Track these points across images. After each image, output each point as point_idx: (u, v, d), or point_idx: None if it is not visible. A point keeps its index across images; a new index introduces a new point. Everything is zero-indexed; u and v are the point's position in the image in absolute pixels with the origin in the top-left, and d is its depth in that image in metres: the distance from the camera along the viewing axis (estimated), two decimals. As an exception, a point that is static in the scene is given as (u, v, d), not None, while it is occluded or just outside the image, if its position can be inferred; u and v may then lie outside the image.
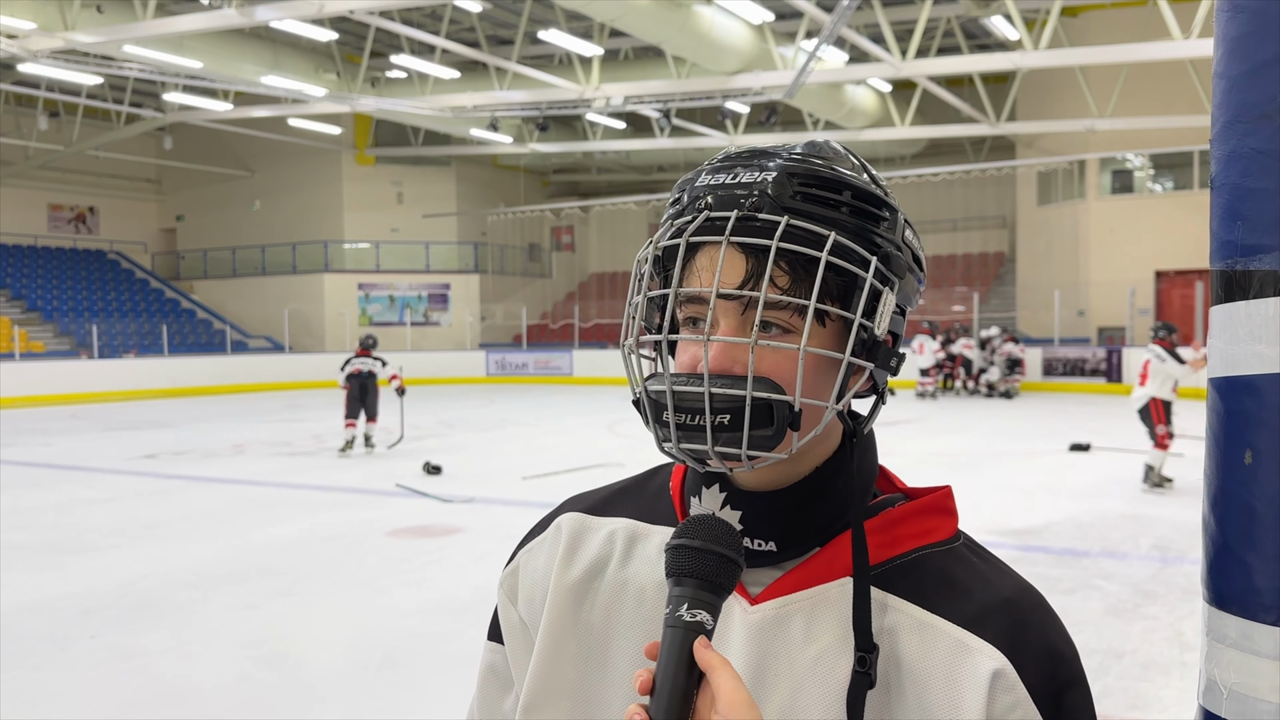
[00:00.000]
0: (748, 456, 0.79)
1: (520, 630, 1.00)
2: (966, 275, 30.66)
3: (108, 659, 4.97)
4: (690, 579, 0.76)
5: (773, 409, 0.79)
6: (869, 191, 0.83)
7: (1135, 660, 4.78)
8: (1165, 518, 8.08)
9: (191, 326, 30.85)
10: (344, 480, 10.55)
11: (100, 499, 9.57)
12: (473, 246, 33.25)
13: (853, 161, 0.87)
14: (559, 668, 0.93)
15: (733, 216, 0.80)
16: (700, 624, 0.75)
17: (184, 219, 34.45)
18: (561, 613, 0.95)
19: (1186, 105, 21.76)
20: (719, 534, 0.78)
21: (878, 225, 0.83)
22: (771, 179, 0.81)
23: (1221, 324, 0.77)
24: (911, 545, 0.88)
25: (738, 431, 0.78)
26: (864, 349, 0.83)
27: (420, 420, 17.11)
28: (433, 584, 6.29)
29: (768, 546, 0.87)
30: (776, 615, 0.86)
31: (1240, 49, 0.74)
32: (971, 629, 0.82)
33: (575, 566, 0.97)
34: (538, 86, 21.72)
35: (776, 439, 0.79)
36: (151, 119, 27.12)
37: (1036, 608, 0.85)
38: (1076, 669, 0.84)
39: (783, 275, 0.81)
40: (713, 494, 0.89)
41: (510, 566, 1.04)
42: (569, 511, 1.02)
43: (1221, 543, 0.76)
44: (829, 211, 0.81)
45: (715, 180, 0.84)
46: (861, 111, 23.98)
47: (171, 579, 6.45)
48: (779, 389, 0.79)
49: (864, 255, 0.81)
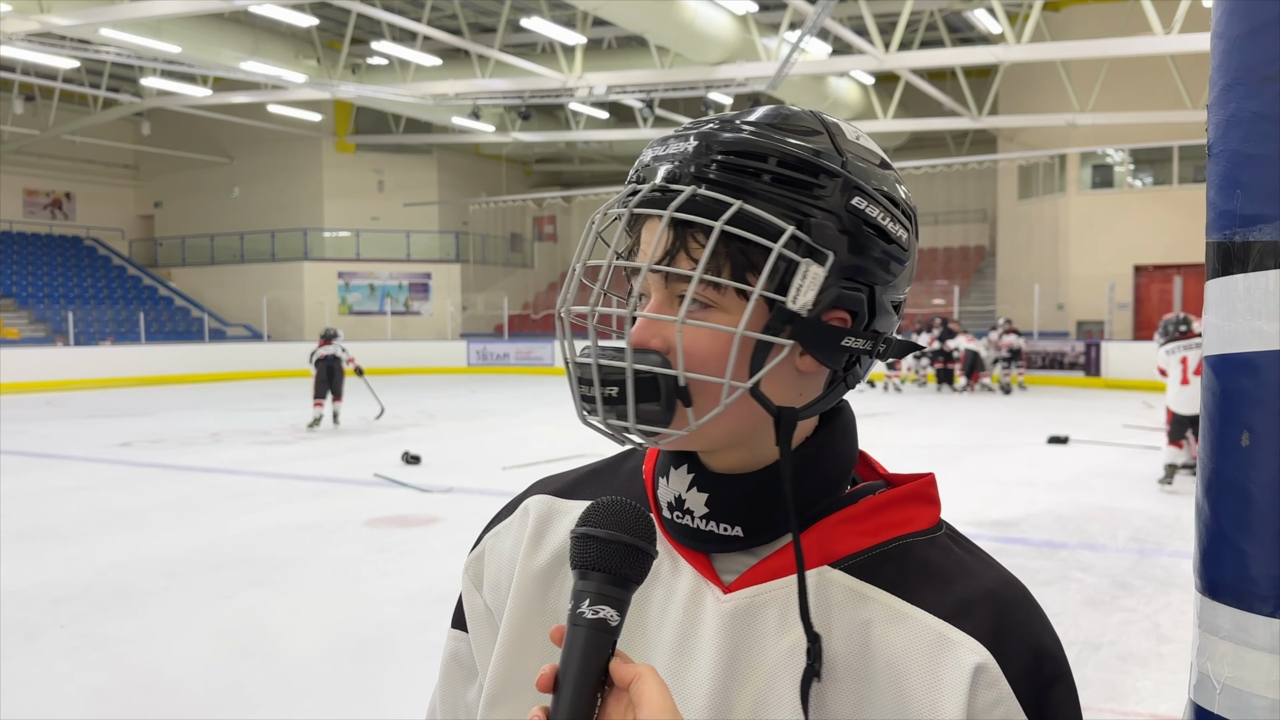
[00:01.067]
0: (640, 430, 0.78)
1: (485, 618, 0.96)
2: (947, 269, 30.75)
3: (78, 648, 4.90)
4: (595, 572, 0.72)
5: (659, 382, 0.77)
6: (798, 157, 0.78)
7: (1113, 652, 4.78)
8: (1142, 510, 8.12)
9: (169, 314, 30.59)
10: (322, 469, 10.47)
11: (74, 487, 9.46)
12: (454, 236, 33.10)
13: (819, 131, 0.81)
14: (523, 658, 0.89)
15: (645, 189, 0.79)
16: (603, 621, 0.70)
17: (162, 205, 34.13)
18: (527, 600, 0.91)
19: (1167, 101, 21.88)
20: (627, 521, 0.73)
21: (809, 192, 0.78)
22: (692, 148, 0.79)
23: (1218, 299, 0.73)
24: (891, 534, 0.84)
25: (624, 404, 0.77)
26: (784, 324, 0.78)
27: (400, 410, 17.01)
28: (410, 574, 6.23)
29: (734, 531, 0.83)
30: (750, 605, 0.82)
31: (1241, 8, 0.71)
32: (953, 621, 0.79)
33: (542, 551, 0.92)
34: (520, 75, 21.61)
35: (667, 414, 0.77)
36: (129, 104, 26.84)
37: (1021, 600, 0.82)
38: (1062, 665, 0.80)
39: (699, 248, 0.77)
40: (680, 475, 0.85)
41: (476, 551, 0.99)
42: (538, 494, 0.98)
43: (1216, 529, 0.73)
44: (746, 180, 0.77)
45: (654, 152, 0.82)
46: (844, 104, 23.99)
47: (145, 568, 6.38)
48: (668, 363, 0.77)
49: (777, 224, 0.76)
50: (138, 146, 32.18)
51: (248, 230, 32.01)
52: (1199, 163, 24.28)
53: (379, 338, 30.26)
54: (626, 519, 0.74)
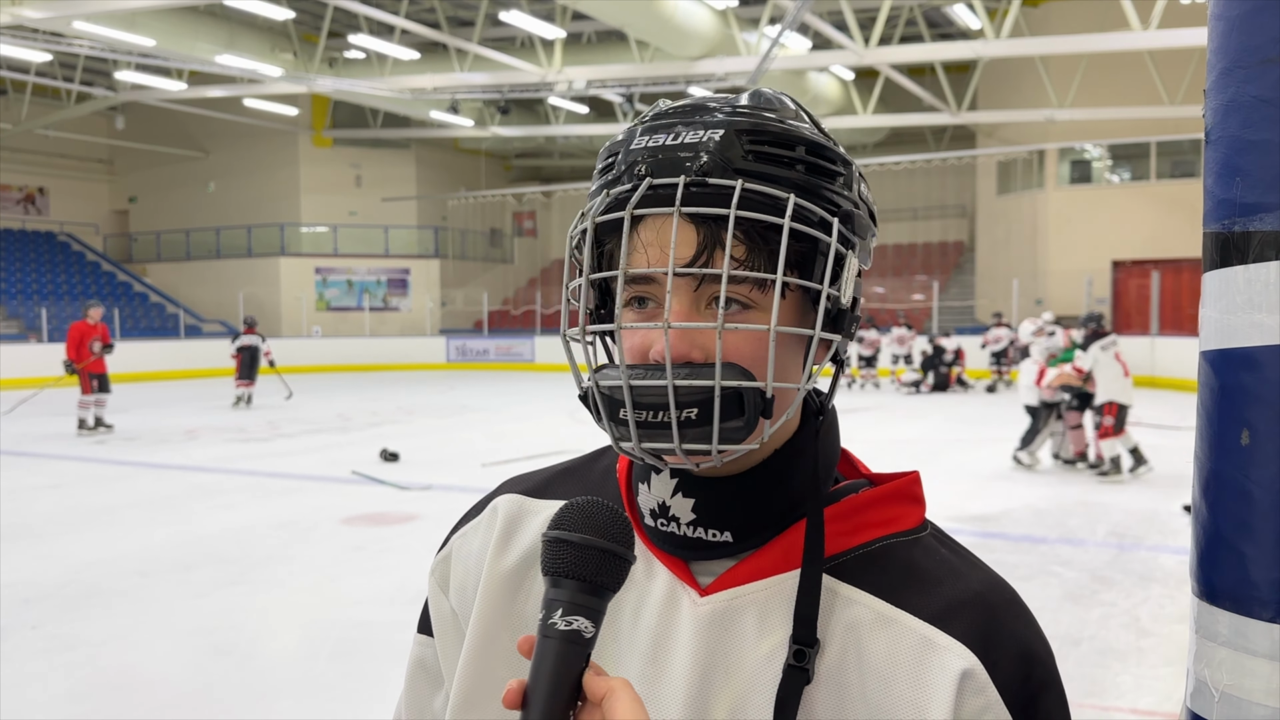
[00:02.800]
0: (718, 451, 0.71)
1: (452, 622, 0.92)
2: (926, 264, 30.88)
3: (49, 650, 4.82)
4: (568, 580, 0.67)
5: (743, 398, 0.71)
6: (823, 145, 0.76)
7: (1093, 647, 4.79)
8: (1121, 504, 8.15)
9: (144, 310, 30.29)
10: (298, 467, 10.38)
11: (46, 485, 9.34)
12: (433, 231, 32.94)
13: (801, 113, 0.79)
14: (491, 664, 0.85)
15: (681, 183, 0.72)
16: (576, 633, 0.65)
17: (137, 200, 33.78)
18: (494, 603, 0.87)
19: (1144, 97, 22.02)
20: (603, 524, 0.69)
21: (834, 182, 0.76)
22: (719, 137, 0.73)
23: (1216, 291, 0.70)
24: (875, 534, 0.81)
25: (707, 426, 0.71)
26: (830, 320, 0.76)
27: (378, 406, 16.93)
28: (387, 572, 6.18)
29: (723, 537, 0.79)
30: (728, 608, 0.78)
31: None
32: (939, 625, 0.76)
33: (511, 553, 0.89)
34: (499, 69, 21.50)
35: (748, 429, 0.72)
36: (103, 98, 26.53)
37: (1009, 603, 0.79)
38: (1051, 671, 0.78)
39: (739, 245, 0.73)
40: (663, 480, 0.81)
41: (442, 553, 0.95)
42: (507, 493, 0.94)
43: (1214, 531, 0.70)
44: (784, 171, 0.73)
45: (655, 142, 0.75)
46: (824, 99, 24.02)
47: (117, 567, 6.29)
48: (748, 374, 0.72)
49: (825, 217, 0.74)
50: (112, 141, 31.82)
51: (224, 225, 31.73)
52: (1176, 158, 24.47)
53: (357, 334, 30.08)
54: (602, 522, 0.69)
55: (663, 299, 0.74)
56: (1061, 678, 0.80)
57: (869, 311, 27.76)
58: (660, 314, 0.74)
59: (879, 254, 31.47)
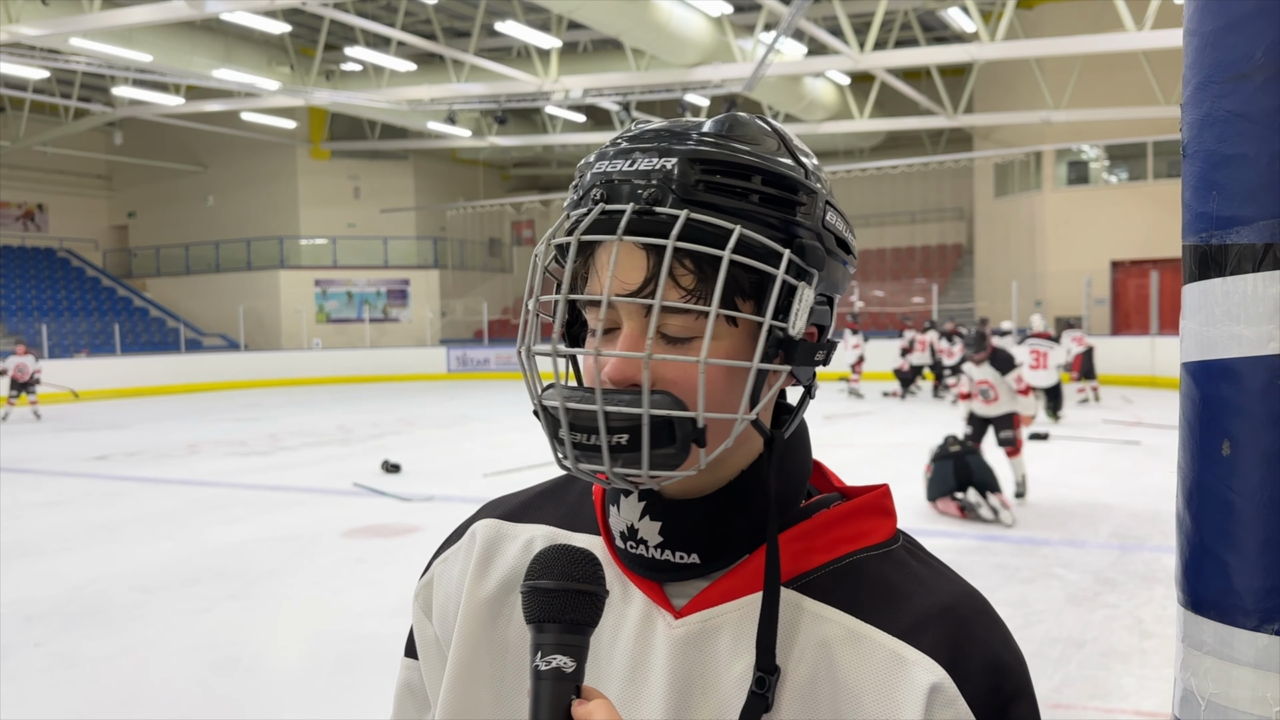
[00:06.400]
0: (650, 476, 0.73)
1: (435, 647, 0.93)
2: (925, 267, 30.90)
3: (52, 667, 4.82)
4: (550, 624, 0.70)
5: (674, 426, 0.72)
6: (783, 175, 0.75)
7: (1096, 649, 4.79)
8: (1123, 506, 8.15)
9: (144, 325, 30.32)
10: (300, 480, 10.38)
11: (48, 502, 9.34)
12: (432, 241, 32.97)
13: (772, 140, 0.79)
14: (473, 689, 0.87)
15: (628, 210, 0.73)
16: (557, 670, 0.69)
17: (136, 216, 33.82)
18: (474, 629, 0.88)
19: (1140, 97, 22.05)
20: (571, 567, 0.71)
21: (793, 211, 0.76)
22: (672, 165, 0.74)
23: (1196, 303, 0.71)
24: (845, 549, 0.81)
25: (637, 451, 0.72)
26: (778, 349, 0.76)
27: (379, 418, 16.93)
28: (389, 585, 6.18)
29: (690, 559, 0.80)
30: (702, 630, 0.79)
31: (1215, 4, 0.69)
32: (908, 639, 0.76)
33: (490, 579, 0.89)
34: (496, 79, 21.55)
35: (680, 457, 0.73)
36: (101, 114, 26.58)
37: (979, 615, 0.79)
38: (1022, 680, 0.78)
39: (687, 275, 0.74)
40: (631, 503, 0.82)
41: (425, 578, 0.96)
42: (485, 518, 0.95)
43: (1198, 541, 0.70)
44: (736, 202, 0.74)
45: (613, 167, 0.76)
46: (820, 104, 24.06)
47: (120, 583, 6.29)
48: (680, 404, 0.72)
49: (775, 249, 0.74)
50: (110, 156, 31.87)
51: (223, 239, 31.76)
52: (1173, 158, 24.49)
53: (358, 345, 30.10)
54: (568, 565, 0.71)
55: (614, 324, 0.76)
56: (1034, 686, 0.80)
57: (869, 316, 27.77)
58: (614, 337, 0.76)
59: (878, 258, 31.50)
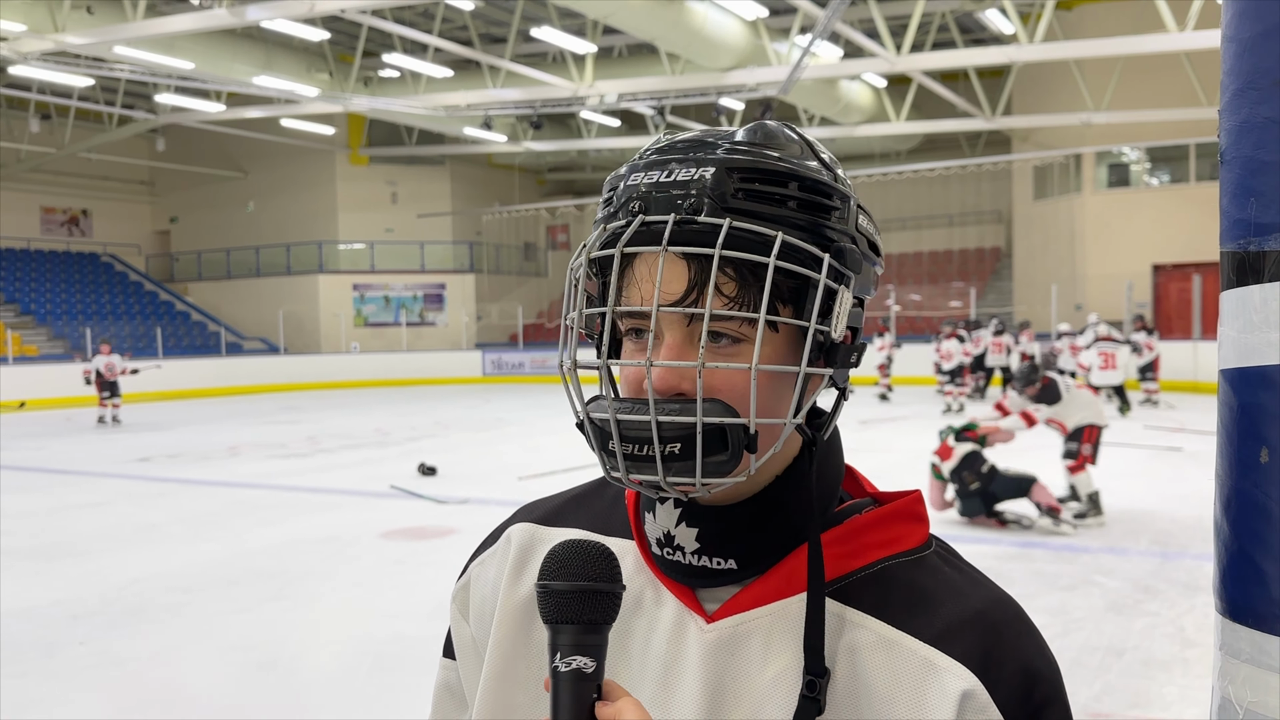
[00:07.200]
0: (703, 484, 0.73)
1: (472, 648, 0.95)
2: (963, 270, 30.63)
3: (97, 665, 4.91)
4: (566, 625, 0.70)
5: (726, 433, 0.73)
6: (817, 180, 0.76)
7: (1136, 657, 4.72)
8: (1165, 512, 8.03)
9: (186, 329, 30.74)
10: (337, 482, 10.48)
11: (91, 503, 9.50)
12: (468, 246, 33.18)
13: (800, 145, 0.80)
14: (510, 691, 0.88)
15: (670, 221, 0.74)
16: (577, 671, 0.69)
17: (178, 221, 34.33)
18: (510, 632, 0.89)
19: (1182, 98, 21.73)
20: (585, 566, 0.72)
21: (829, 216, 0.76)
22: (710, 175, 0.74)
23: (1233, 310, 0.71)
24: (877, 555, 0.81)
25: (690, 460, 0.73)
26: (820, 353, 0.77)
27: (415, 421, 17.05)
28: (426, 586, 6.22)
29: (727, 565, 0.81)
30: (734, 634, 0.80)
31: (1251, 10, 0.68)
32: (939, 646, 0.76)
33: (524, 582, 0.91)
34: (531, 84, 21.65)
35: (732, 464, 0.73)
36: (144, 120, 27.02)
37: (1012, 621, 0.79)
38: (1055, 687, 0.78)
39: (729, 282, 0.74)
40: (668, 510, 0.83)
41: (462, 580, 0.98)
42: (520, 522, 0.96)
43: (1236, 549, 0.70)
44: (774, 208, 0.75)
45: (650, 178, 0.77)
46: (856, 107, 23.93)
47: (162, 583, 6.39)
48: (731, 410, 0.73)
49: (815, 253, 0.75)
50: (153, 163, 32.38)
51: (263, 244, 32.16)
52: (1216, 160, 24.07)
53: (394, 349, 30.34)
54: (583, 564, 0.72)
55: (658, 332, 0.76)
56: (1066, 694, 0.80)
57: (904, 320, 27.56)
58: (656, 348, 0.77)
59: (915, 261, 31.27)
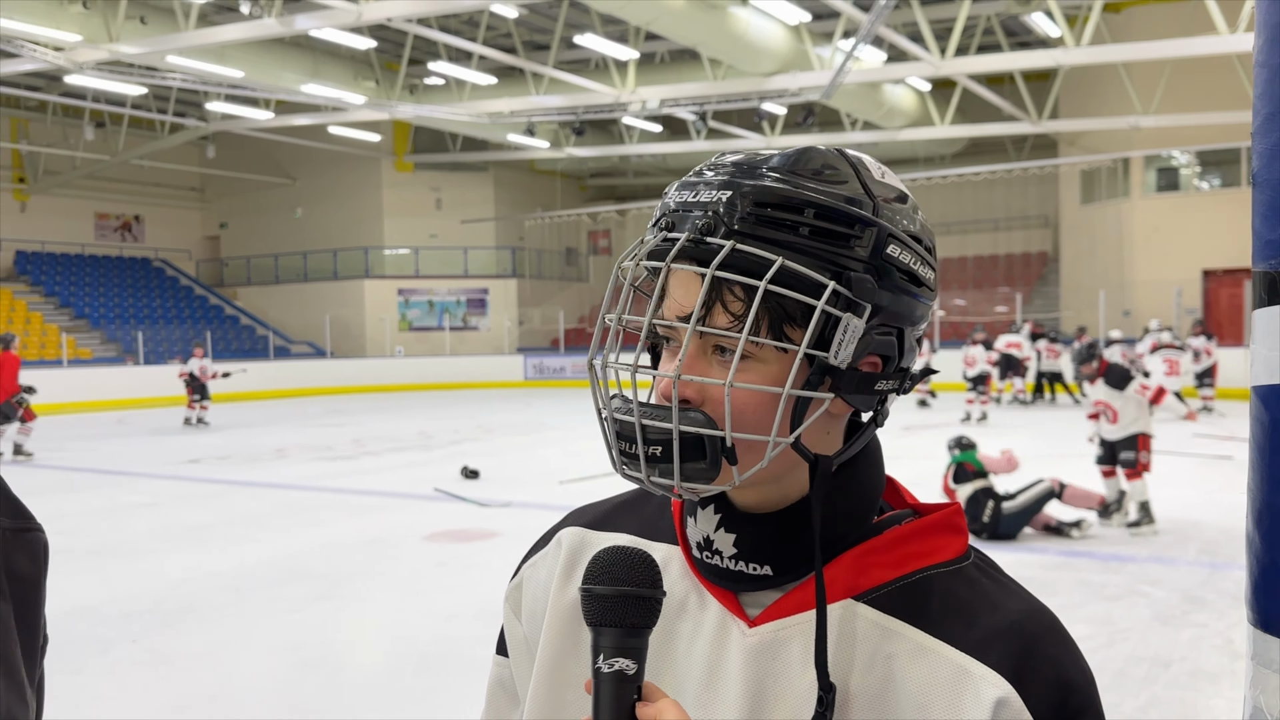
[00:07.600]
0: (683, 487, 0.78)
1: (524, 646, 0.98)
2: (1009, 275, 30.30)
3: (149, 662, 5.02)
4: (608, 628, 0.74)
5: (705, 442, 0.77)
6: (835, 209, 0.78)
7: (1184, 669, 4.67)
8: (1214, 522, 7.91)
9: (235, 333, 31.23)
10: (383, 484, 10.61)
11: (143, 504, 9.69)
12: (510, 251, 33.41)
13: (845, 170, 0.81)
14: (560, 689, 0.91)
15: (681, 239, 0.79)
16: (619, 673, 0.73)
17: (227, 226, 34.91)
18: (560, 632, 0.93)
19: (1233, 101, 21.34)
20: (628, 571, 0.76)
21: (845, 244, 0.78)
22: (725, 199, 0.78)
23: (1265, 328, 0.72)
24: (916, 565, 0.84)
25: (669, 464, 0.78)
26: (824, 376, 0.79)
27: (458, 424, 17.19)
28: (470, 588, 6.29)
29: (763, 570, 0.84)
30: (775, 639, 0.83)
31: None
32: (975, 654, 0.78)
33: (574, 584, 0.94)
34: (574, 91, 21.77)
35: (712, 472, 0.78)
36: (194, 128, 27.51)
37: (1047, 631, 0.81)
38: (1089, 697, 0.79)
39: (737, 301, 0.78)
40: (708, 515, 0.87)
41: (515, 581, 1.02)
42: (570, 525, 1.00)
43: (1268, 562, 0.72)
44: (784, 234, 0.77)
45: (680, 198, 0.82)
46: (900, 111, 23.78)
47: (212, 583, 6.51)
48: (712, 422, 0.77)
49: (819, 280, 0.77)
50: (203, 169, 32.96)
51: (310, 249, 32.62)
52: (1268, 163, 23.64)
53: (438, 353, 30.61)
54: (626, 569, 0.76)
55: (678, 342, 0.82)
56: (1102, 705, 0.81)
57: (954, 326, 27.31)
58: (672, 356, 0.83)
59: (959, 266, 30.98)
